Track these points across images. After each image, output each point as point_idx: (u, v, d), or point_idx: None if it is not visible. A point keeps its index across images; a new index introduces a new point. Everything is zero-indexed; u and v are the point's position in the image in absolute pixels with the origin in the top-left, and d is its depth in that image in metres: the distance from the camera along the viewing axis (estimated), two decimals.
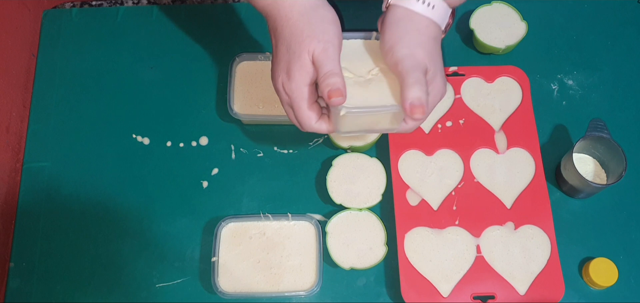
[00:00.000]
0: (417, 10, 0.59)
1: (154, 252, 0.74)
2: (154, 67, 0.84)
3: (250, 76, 0.81)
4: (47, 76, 0.84)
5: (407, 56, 0.57)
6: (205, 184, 0.78)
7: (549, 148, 0.79)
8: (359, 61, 0.62)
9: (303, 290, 0.70)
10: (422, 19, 0.59)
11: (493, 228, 0.73)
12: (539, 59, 0.84)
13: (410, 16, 0.59)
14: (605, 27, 0.87)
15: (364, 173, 0.75)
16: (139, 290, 0.72)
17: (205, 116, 0.81)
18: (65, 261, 0.74)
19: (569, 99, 0.83)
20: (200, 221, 0.75)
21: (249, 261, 0.72)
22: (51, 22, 0.87)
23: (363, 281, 0.73)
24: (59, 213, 0.76)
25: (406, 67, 0.57)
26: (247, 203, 0.76)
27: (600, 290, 0.72)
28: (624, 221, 0.76)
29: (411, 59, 0.57)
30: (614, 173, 0.73)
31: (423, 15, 0.59)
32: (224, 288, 0.70)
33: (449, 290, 0.70)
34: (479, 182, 0.75)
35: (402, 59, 0.57)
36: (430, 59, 0.58)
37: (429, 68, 0.58)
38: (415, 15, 0.59)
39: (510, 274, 0.71)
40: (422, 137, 0.77)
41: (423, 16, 0.59)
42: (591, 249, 0.74)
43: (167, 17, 0.88)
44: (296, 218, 0.74)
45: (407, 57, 0.57)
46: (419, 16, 0.59)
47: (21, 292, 0.72)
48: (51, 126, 0.81)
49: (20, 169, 0.79)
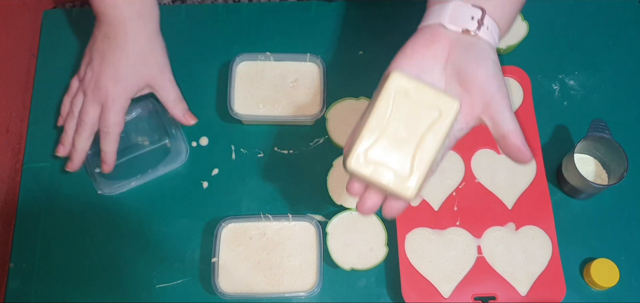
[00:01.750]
0: (481, 36, 0.54)
1: (154, 253, 0.74)
2: None
3: (250, 76, 0.81)
4: (47, 76, 0.84)
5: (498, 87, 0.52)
6: (205, 184, 0.77)
7: (550, 149, 0.78)
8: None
9: (303, 291, 0.70)
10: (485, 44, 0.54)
11: (494, 229, 0.73)
12: (540, 59, 0.84)
13: (476, 41, 0.54)
14: (606, 27, 0.87)
15: None
16: (139, 290, 0.72)
17: (205, 116, 0.81)
18: (65, 262, 0.74)
19: (570, 99, 0.82)
20: (200, 222, 0.75)
21: (249, 262, 0.72)
22: (51, 22, 0.87)
23: (363, 282, 0.73)
24: (59, 213, 0.76)
25: (499, 100, 0.52)
26: (247, 204, 0.76)
27: (601, 291, 0.72)
28: (625, 221, 0.76)
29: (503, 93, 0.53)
30: (615, 173, 0.73)
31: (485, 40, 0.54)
32: (224, 289, 0.70)
33: (449, 290, 0.70)
34: (479, 183, 0.75)
35: (496, 93, 0.52)
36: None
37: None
38: (479, 39, 0.54)
39: (511, 275, 0.70)
40: None
41: (485, 40, 0.54)
42: (592, 250, 0.74)
43: (167, 17, 0.87)
44: (296, 219, 0.74)
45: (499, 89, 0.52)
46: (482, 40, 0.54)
47: (21, 292, 0.72)
48: (51, 126, 0.81)
49: (20, 169, 0.79)
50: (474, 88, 0.53)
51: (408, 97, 0.52)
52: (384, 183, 0.51)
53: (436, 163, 0.53)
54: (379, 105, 0.52)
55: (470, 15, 0.54)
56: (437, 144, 0.51)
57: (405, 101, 0.52)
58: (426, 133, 0.51)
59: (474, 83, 0.53)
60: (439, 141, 0.51)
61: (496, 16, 0.55)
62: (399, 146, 0.51)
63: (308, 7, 0.87)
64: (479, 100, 0.53)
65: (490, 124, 0.53)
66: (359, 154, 0.52)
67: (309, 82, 0.81)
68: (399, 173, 0.51)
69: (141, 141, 0.78)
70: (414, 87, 0.52)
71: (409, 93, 0.52)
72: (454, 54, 0.54)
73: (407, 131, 0.52)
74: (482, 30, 0.54)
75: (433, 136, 0.51)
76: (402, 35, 0.57)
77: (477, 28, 0.53)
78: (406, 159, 0.51)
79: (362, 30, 0.86)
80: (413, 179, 0.51)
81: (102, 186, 0.76)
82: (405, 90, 0.52)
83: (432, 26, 0.55)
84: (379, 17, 0.87)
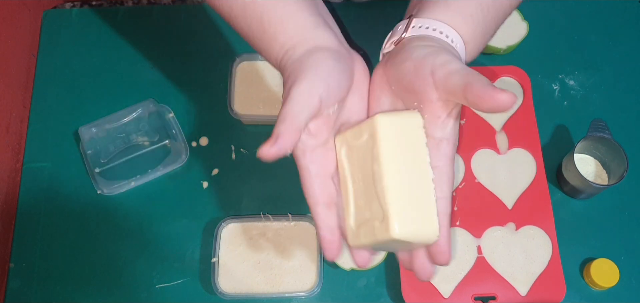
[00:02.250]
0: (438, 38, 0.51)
1: (154, 253, 0.74)
2: (154, 67, 0.84)
3: (251, 76, 0.81)
4: (47, 76, 0.84)
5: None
6: (205, 184, 0.77)
7: (550, 149, 0.78)
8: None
9: (303, 291, 0.70)
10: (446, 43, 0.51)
11: (494, 229, 0.73)
12: (540, 59, 0.84)
13: (402, 44, 0.52)
14: (606, 27, 0.87)
15: None
16: (139, 290, 0.72)
17: (205, 116, 0.81)
18: (65, 262, 0.74)
19: (570, 99, 0.82)
20: (200, 222, 0.75)
21: (249, 262, 0.72)
22: (51, 22, 0.87)
23: (363, 282, 0.73)
24: (59, 213, 0.76)
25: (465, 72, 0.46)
26: (247, 204, 0.76)
27: (601, 291, 0.72)
28: (626, 221, 0.76)
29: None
30: (615, 173, 0.73)
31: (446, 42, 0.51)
32: (224, 289, 0.70)
33: (449, 290, 0.70)
34: (479, 183, 0.75)
35: (435, 66, 0.47)
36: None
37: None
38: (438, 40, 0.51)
39: (511, 275, 0.70)
40: None
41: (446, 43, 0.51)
42: (592, 250, 0.74)
43: (167, 17, 0.88)
44: (297, 219, 0.74)
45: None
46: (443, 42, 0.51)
47: (21, 292, 0.72)
48: (51, 126, 0.81)
49: (20, 169, 0.79)
50: (416, 81, 0.48)
51: (350, 148, 0.51)
52: (371, 240, 0.50)
53: (421, 177, 0.48)
54: (341, 176, 0.52)
55: (399, 27, 0.53)
56: (383, 168, 0.48)
57: (350, 153, 0.51)
58: (372, 164, 0.49)
59: (410, 78, 0.48)
60: (383, 163, 0.48)
61: (447, 19, 0.51)
62: (366, 197, 0.50)
63: None
64: (426, 87, 0.47)
65: (450, 96, 0.47)
66: (351, 230, 0.51)
67: None
68: (377, 218, 0.49)
69: (141, 141, 0.78)
70: (348, 135, 0.51)
71: (348, 144, 0.51)
72: (389, 71, 0.51)
73: (363, 177, 0.50)
74: (410, 32, 0.51)
75: (376, 163, 0.48)
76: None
77: (404, 31, 0.51)
78: (374, 203, 0.49)
79: (362, 30, 0.86)
80: (387, 216, 0.47)
81: (102, 186, 0.76)
82: (346, 145, 0.52)
83: (377, 67, 0.54)
84: (379, 17, 0.87)
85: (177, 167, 0.78)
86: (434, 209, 0.49)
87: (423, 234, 0.48)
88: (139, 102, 0.78)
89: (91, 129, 0.77)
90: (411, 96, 0.50)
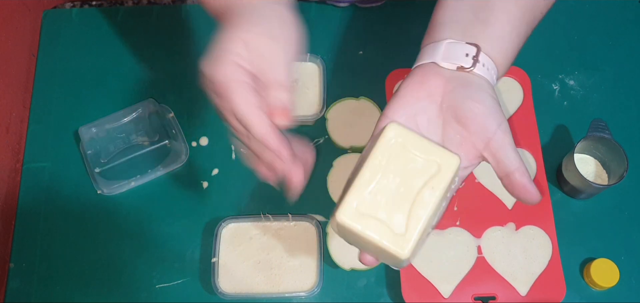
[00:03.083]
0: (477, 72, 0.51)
1: (154, 253, 0.74)
2: (154, 67, 0.84)
3: None
4: (47, 76, 0.84)
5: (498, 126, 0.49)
6: (205, 184, 0.77)
7: (550, 149, 0.78)
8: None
9: (303, 291, 0.70)
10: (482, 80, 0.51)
11: (494, 229, 0.73)
12: (540, 59, 0.84)
13: (471, 78, 0.51)
14: (606, 27, 0.87)
15: None
16: (139, 290, 0.72)
17: (205, 116, 0.81)
18: (65, 262, 0.74)
19: (570, 99, 0.82)
20: (200, 222, 0.75)
21: (250, 261, 0.72)
22: (51, 22, 0.87)
23: (364, 282, 0.73)
24: (59, 213, 0.76)
25: (501, 143, 0.49)
26: (247, 204, 0.76)
27: (601, 291, 0.72)
28: (626, 221, 0.76)
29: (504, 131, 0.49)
30: (615, 173, 0.73)
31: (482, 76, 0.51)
32: (224, 289, 0.70)
33: (449, 290, 0.70)
34: (480, 183, 0.75)
35: (496, 130, 0.49)
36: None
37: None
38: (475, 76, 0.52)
39: (511, 275, 0.70)
40: None
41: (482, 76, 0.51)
42: (592, 250, 0.74)
43: (167, 17, 0.88)
44: (297, 219, 0.74)
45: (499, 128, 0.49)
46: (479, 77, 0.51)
47: (21, 292, 0.72)
48: (51, 126, 0.81)
49: (20, 169, 0.79)
50: (473, 126, 0.50)
51: (405, 149, 0.49)
52: (375, 239, 0.47)
53: (432, 223, 0.49)
54: (373, 156, 0.49)
55: (465, 52, 0.51)
56: (435, 200, 0.47)
57: (402, 153, 0.49)
58: (423, 188, 0.47)
59: (473, 120, 0.50)
60: (437, 197, 0.47)
61: (493, 54, 0.52)
62: (393, 201, 0.47)
63: (308, 8, 0.87)
64: (479, 138, 0.50)
65: (493, 163, 0.50)
66: (349, 207, 0.47)
67: (309, 82, 0.81)
68: (393, 229, 0.47)
69: (141, 141, 0.78)
70: (411, 139, 0.49)
71: (406, 145, 0.49)
72: (449, 91, 0.51)
73: (403, 185, 0.48)
74: (477, 67, 0.51)
75: (430, 192, 0.47)
76: (402, 35, 0.57)
77: (472, 65, 0.51)
78: (401, 216, 0.47)
79: (362, 30, 0.86)
80: (408, 238, 0.46)
81: (102, 186, 0.76)
82: (402, 142, 0.49)
83: (425, 66, 0.53)
84: (379, 17, 0.87)
85: (177, 167, 0.78)
86: (421, 248, 0.49)
87: (407, 263, 0.48)
88: (139, 102, 0.78)
89: (91, 129, 0.77)
90: (458, 129, 0.51)
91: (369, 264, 0.52)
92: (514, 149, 0.50)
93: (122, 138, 0.77)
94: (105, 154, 0.76)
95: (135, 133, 0.78)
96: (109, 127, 0.77)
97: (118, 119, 0.77)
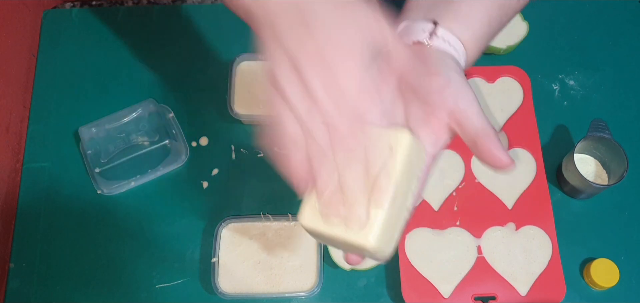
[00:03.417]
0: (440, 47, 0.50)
1: (154, 253, 0.74)
2: (154, 67, 0.84)
3: (251, 76, 0.81)
4: (47, 76, 0.84)
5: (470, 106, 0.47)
6: (205, 184, 0.77)
7: (550, 149, 0.78)
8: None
9: (303, 291, 0.70)
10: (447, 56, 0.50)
11: (494, 229, 0.73)
12: (540, 59, 0.84)
13: (429, 52, 0.50)
14: (606, 27, 0.87)
15: None
16: (139, 290, 0.72)
17: (205, 116, 0.81)
18: (65, 262, 0.74)
19: (570, 99, 0.82)
20: (200, 222, 0.75)
21: (250, 261, 0.72)
22: (51, 22, 0.87)
23: (364, 282, 0.73)
24: (59, 213, 0.76)
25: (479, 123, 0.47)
26: (247, 204, 0.76)
27: (601, 291, 0.72)
28: (626, 221, 0.76)
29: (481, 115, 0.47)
30: (615, 173, 0.73)
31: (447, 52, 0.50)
32: (224, 289, 0.70)
33: (449, 290, 0.70)
34: (480, 183, 0.75)
35: (457, 98, 0.48)
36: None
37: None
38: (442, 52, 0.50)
39: (511, 275, 0.70)
40: None
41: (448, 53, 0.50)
42: (592, 250, 0.74)
43: (167, 17, 0.88)
44: (296, 219, 0.74)
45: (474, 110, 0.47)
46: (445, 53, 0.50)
47: (21, 292, 0.72)
48: (51, 126, 0.81)
49: (20, 169, 0.79)
50: (433, 98, 0.48)
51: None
52: (340, 234, 0.46)
53: (403, 206, 0.48)
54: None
55: (421, 28, 0.50)
56: (394, 183, 0.46)
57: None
58: (380, 174, 0.46)
59: (433, 94, 0.48)
60: (395, 179, 0.46)
61: (459, 32, 0.50)
62: (353, 195, 0.46)
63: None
64: (442, 109, 0.48)
65: (459, 132, 0.48)
66: (311, 209, 0.47)
67: None
68: (355, 221, 0.46)
69: (141, 141, 0.78)
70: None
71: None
72: (408, 71, 0.49)
73: (361, 177, 0.46)
74: (436, 41, 0.49)
75: (386, 175, 0.46)
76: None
77: (429, 38, 0.49)
78: (362, 207, 0.46)
79: None
80: (371, 225, 0.45)
81: (102, 186, 0.76)
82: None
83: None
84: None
85: (177, 167, 0.78)
86: (398, 235, 0.48)
87: (383, 253, 0.48)
88: (139, 102, 0.78)
89: (91, 129, 0.77)
90: (421, 105, 0.49)
91: (354, 263, 0.51)
92: (479, 114, 0.48)
93: (122, 138, 0.77)
94: (105, 154, 0.76)
95: (135, 133, 0.78)
96: (109, 127, 0.77)
97: (118, 119, 0.77)
